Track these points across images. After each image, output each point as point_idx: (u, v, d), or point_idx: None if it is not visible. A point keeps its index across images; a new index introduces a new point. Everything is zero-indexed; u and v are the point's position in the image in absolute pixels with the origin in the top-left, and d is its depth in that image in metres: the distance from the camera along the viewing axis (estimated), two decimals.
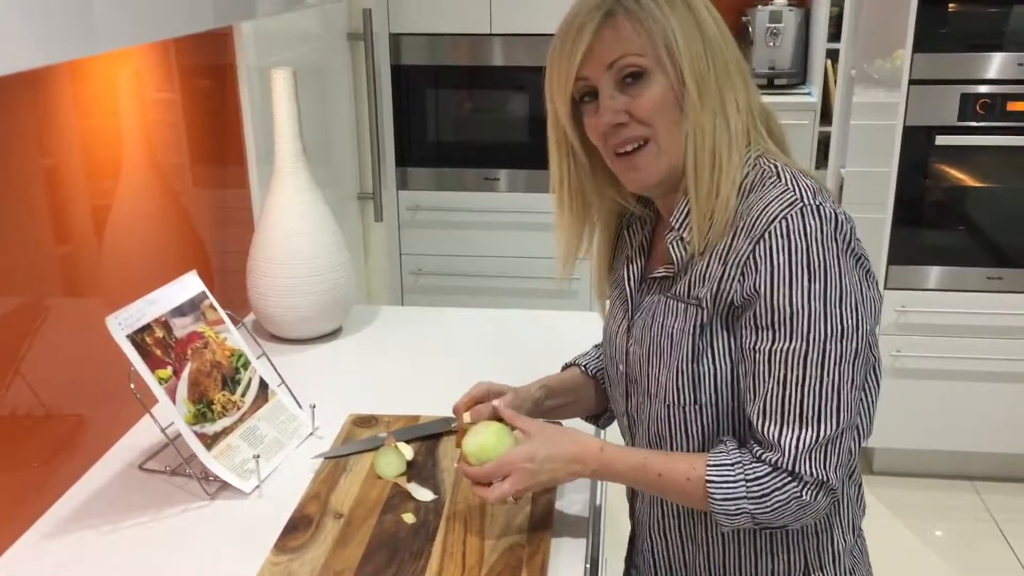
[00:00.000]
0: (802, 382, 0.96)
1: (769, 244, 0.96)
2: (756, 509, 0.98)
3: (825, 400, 0.96)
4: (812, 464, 0.97)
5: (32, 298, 1.28)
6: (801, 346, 0.95)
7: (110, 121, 1.47)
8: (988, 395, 2.78)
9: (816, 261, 0.94)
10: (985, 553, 2.65)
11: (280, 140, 1.68)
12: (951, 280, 2.72)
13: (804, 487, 0.97)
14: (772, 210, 0.97)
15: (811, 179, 1.02)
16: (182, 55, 1.66)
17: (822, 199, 0.97)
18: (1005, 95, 2.58)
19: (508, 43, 2.97)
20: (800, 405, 0.96)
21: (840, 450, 0.98)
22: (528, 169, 3.08)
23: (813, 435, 0.96)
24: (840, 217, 0.96)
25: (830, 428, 0.96)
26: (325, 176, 2.28)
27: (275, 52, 2.05)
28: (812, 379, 0.96)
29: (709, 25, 1.01)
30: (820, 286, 0.94)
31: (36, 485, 1.26)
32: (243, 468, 1.30)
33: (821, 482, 0.97)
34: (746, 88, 1.04)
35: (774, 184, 0.99)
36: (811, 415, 0.96)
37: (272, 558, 1.12)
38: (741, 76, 1.03)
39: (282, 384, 1.47)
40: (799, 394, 0.96)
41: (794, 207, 0.96)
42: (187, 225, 1.73)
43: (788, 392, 0.97)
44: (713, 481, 0.99)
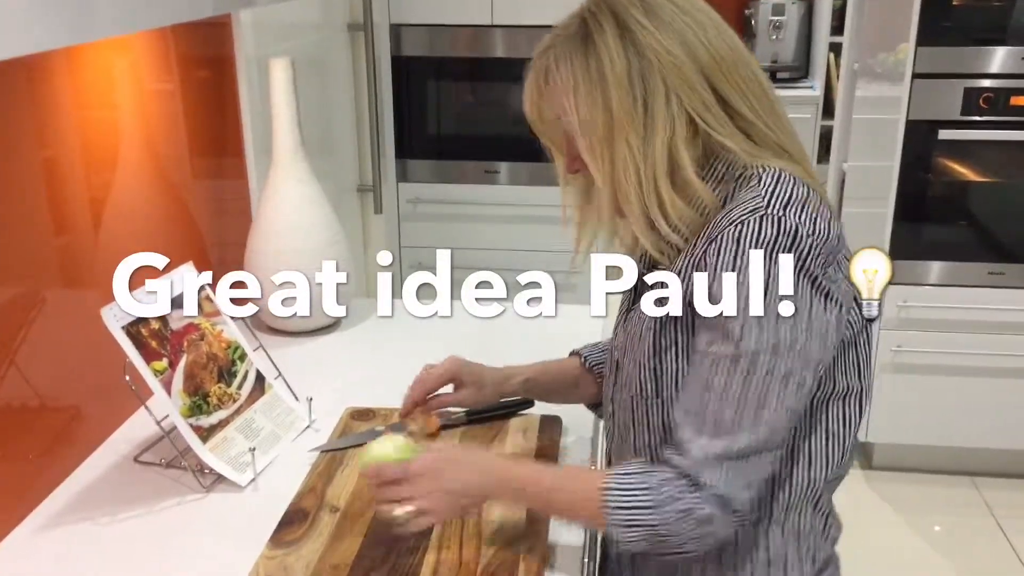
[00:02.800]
0: (725, 389, 0.94)
1: (718, 246, 0.94)
2: (652, 519, 0.95)
3: (745, 412, 0.94)
4: (717, 474, 0.94)
5: (28, 289, 1.27)
6: (732, 352, 0.94)
7: (108, 112, 1.46)
8: (989, 391, 2.78)
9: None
10: (984, 549, 2.64)
11: (278, 131, 1.67)
12: (953, 275, 2.71)
13: (704, 499, 0.94)
14: (732, 215, 0.96)
15: (801, 188, 0.97)
16: (181, 45, 1.65)
17: (792, 210, 0.94)
18: (1009, 89, 2.57)
19: (510, 34, 2.95)
20: (718, 414, 0.94)
21: (751, 469, 0.95)
22: (529, 162, 3.07)
23: (724, 445, 0.94)
24: (801, 231, 0.93)
25: (743, 442, 0.94)
26: (324, 168, 2.27)
27: (274, 42, 2.03)
28: (735, 388, 0.94)
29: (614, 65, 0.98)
30: (759, 294, 0.92)
31: (31, 477, 1.25)
32: (239, 461, 1.29)
33: (723, 497, 0.94)
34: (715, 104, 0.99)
35: (749, 191, 0.97)
36: (728, 425, 0.94)
37: (267, 552, 1.12)
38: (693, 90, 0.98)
39: (279, 377, 1.47)
40: (720, 401, 0.94)
41: (754, 214, 0.94)
42: (185, 216, 1.72)
43: (710, 396, 0.95)
44: (610, 488, 0.97)
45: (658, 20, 0.99)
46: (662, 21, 0.99)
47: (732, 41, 1.02)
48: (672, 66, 0.97)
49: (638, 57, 0.98)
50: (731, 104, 0.99)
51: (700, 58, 0.98)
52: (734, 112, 1.00)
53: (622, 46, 0.98)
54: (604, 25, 0.99)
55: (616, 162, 0.99)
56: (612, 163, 1.00)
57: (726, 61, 0.99)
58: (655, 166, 0.98)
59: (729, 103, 0.99)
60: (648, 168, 0.98)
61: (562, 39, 1.02)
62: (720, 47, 0.99)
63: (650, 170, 0.98)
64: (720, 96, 0.99)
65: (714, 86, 0.99)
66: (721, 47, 1.00)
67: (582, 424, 1.41)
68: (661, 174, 0.98)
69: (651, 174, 0.98)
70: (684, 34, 0.99)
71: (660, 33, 0.98)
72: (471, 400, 1.31)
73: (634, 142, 0.98)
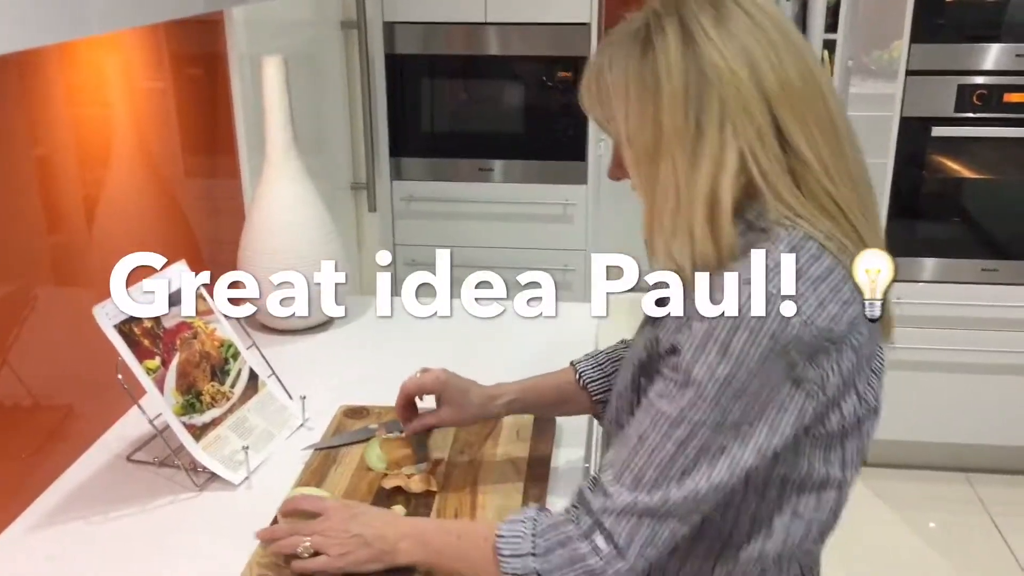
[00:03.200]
0: (656, 448, 0.91)
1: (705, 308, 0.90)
2: (543, 567, 0.92)
3: (667, 476, 0.90)
4: (619, 526, 0.91)
5: (20, 287, 1.27)
6: (675, 415, 0.90)
7: (100, 110, 1.46)
8: (983, 387, 2.78)
9: (736, 344, 0.87)
10: (978, 545, 2.65)
11: (271, 129, 1.67)
12: (947, 272, 2.71)
13: (597, 549, 0.91)
14: None
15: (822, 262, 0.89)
16: (173, 43, 1.65)
17: (794, 298, 0.87)
18: (1002, 86, 2.57)
19: (503, 32, 2.95)
20: (642, 468, 0.91)
21: (655, 531, 0.91)
22: (523, 159, 3.07)
23: (636, 499, 0.91)
24: (794, 321, 0.86)
25: (656, 502, 0.91)
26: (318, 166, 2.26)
27: (267, 40, 2.03)
28: (667, 450, 0.90)
29: (671, 76, 0.91)
30: (725, 370, 0.87)
31: (23, 476, 1.25)
32: (232, 459, 1.29)
33: (618, 549, 0.91)
34: (758, 140, 0.91)
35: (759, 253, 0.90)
36: (648, 483, 0.91)
37: (260, 550, 1.11)
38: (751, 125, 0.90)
39: (272, 375, 1.46)
40: (648, 457, 0.91)
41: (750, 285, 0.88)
42: (177, 214, 1.72)
43: (640, 449, 0.92)
44: (503, 536, 0.96)
45: (726, 32, 0.91)
46: (731, 34, 0.91)
47: (808, 67, 0.93)
48: (732, 87, 0.89)
49: (698, 71, 0.90)
50: (789, 138, 0.91)
51: (765, 81, 0.90)
52: (790, 147, 0.91)
53: (682, 56, 0.91)
54: (667, 29, 0.92)
55: (658, 181, 0.93)
56: (654, 180, 0.93)
57: (795, 88, 0.91)
58: (695, 195, 0.91)
59: (787, 136, 0.91)
60: (688, 194, 0.91)
61: (622, 37, 0.95)
62: (791, 72, 0.91)
63: (690, 197, 0.91)
64: (779, 127, 0.91)
65: (774, 114, 0.90)
66: (792, 72, 0.91)
67: (576, 424, 1.40)
68: (700, 204, 0.91)
69: (689, 201, 0.91)
70: (752, 52, 0.90)
71: (726, 47, 0.90)
72: (451, 420, 1.26)
73: (680, 164, 0.91)
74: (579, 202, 3.03)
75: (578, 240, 3.05)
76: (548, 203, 3.05)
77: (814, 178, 0.92)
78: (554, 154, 3.02)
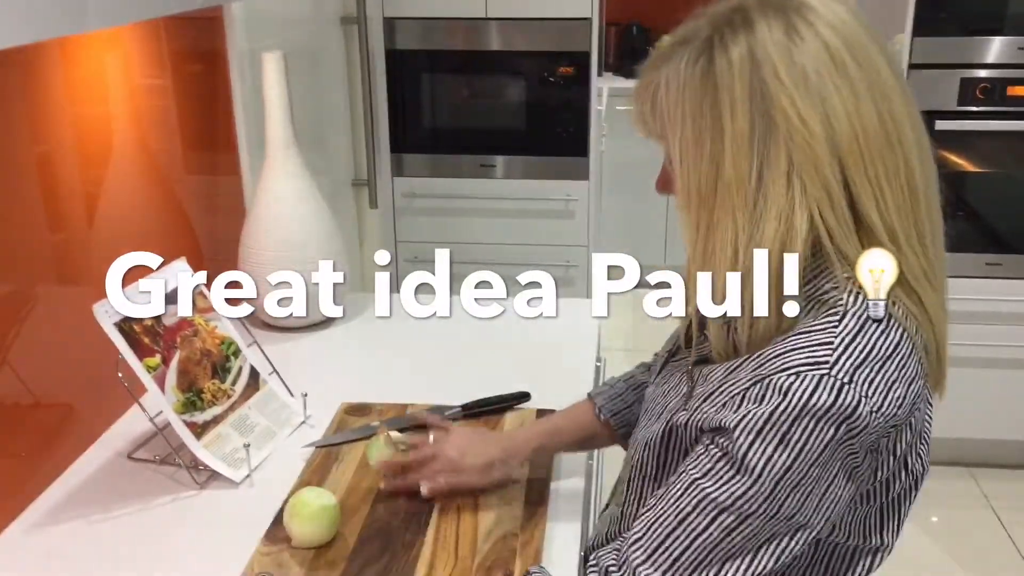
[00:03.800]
0: (698, 533, 0.84)
1: (762, 392, 0.81)
2: None
3: (706, 562, 0.84)
4: None
5: (20, 285, 1.26)
6: (726, 502, 0.82)
7: (100, 107, 1.45)
8: (986, 381, 2.77)
9: (798, 434, 0.79)
10: (981, 539, 2.64)
11: (271, 125, 1.66)
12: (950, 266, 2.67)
13: None
14: (792, 359, 0.81)
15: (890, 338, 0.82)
16: (172, 40, 1.64)
17: (861, 375, 0.79)
18: (1005, 80, 2.56)
19: (504, 27, 2.94)
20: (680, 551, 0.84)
21: None
22: (525, 156, 3.06)
23: None
24: (863, 410, 0.79)
25: None
26: (319, 162, 2.26)
27: (266, 36, 2.02)
28: (711, 537, 0.83)
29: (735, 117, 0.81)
30: (785, 460, 0.80)
31: (24, 475, 1.24)
32: (233, 457, 1.28)
33: None
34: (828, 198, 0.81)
35: (822, 330, 0.82)
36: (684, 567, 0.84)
37: (262, 548, 1.11)
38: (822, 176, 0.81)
39: (273, 372, 1.46)
40: (687, 541, 0.84)
41: (815, 369, 0.79)
42: (178, 211, 1.71)
43: (679, 532, 0.84)
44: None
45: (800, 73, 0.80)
46: (805, 75, 0.80)
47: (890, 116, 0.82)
48: (803, 138, 0.80)
49: (765, 115, 0.81)
50: (857, 199, 0.82)
51: (838, 134, 0.80)
52: (857, 211, 0.82)
53: (749, 95, 0.81)
54: (733, 56, 0.81)
55: (714, 229, 0.84)
56: (708, 228, 0.85)
57: (872, 143, 0.81)
58: (758, 256, 0.82)
59: (855, 197, 0.82)
60: (748, 254, 0.82)
61: (682, 54, 0.85)
62: (871, 122, 0.81)
63: (751, 257, 0.82)
64: (848, 186, 0.82)
65: (845, 172, 0.81)
66: (872, 122, 0.81)
67: None
68: (763, 268, 0.82)
69: (751, 262, 0.82)
70: (828, 99, 0.80)
71: (798, 91, 0.80)
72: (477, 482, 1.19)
73: (740, 216, 0.82)
74: (581, 198, 3.02)
75: (580, 236, 3.04)
76: (550, 199, 3.04)
77: (878, 242, 0.83)
78: (556, 150, 3.01)
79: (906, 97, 0.84)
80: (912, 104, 0.85)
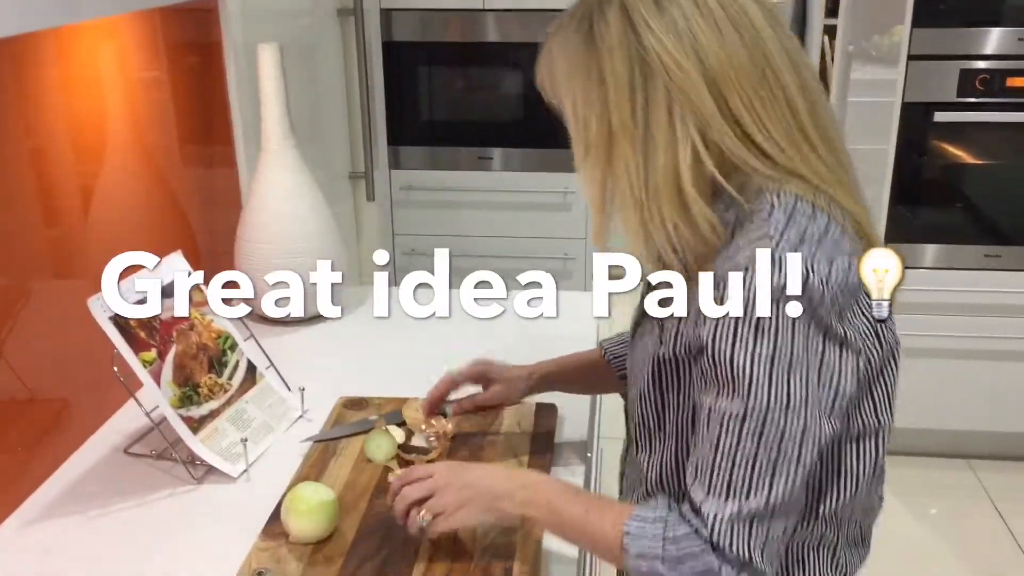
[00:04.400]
0: (734, 450, 0.87)
1: (721, 294, 0.87)
2: (671, 574, 0.89)
3: (757, 474, 0.87)
4: (733, 539, 0.87)
5: (15, 280, 1.25)
6: (740, 410, 0.86)
7: (96, 100, 1.44)
8: (985, 373, 2.77)
9: (766, 322, 0.85)
10: (980, 531, 2.64)
11: (267, 118, 1.65)
12: (948, 258, 2.70)
13: (724, 562, 0.87)
14: (738, 257, 0.88)
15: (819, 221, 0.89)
16: (168, 32, 1.63)
17: (805, 251, 0.86)
18: (1004, 71, 2.55)
19: (502, 19, 2.92)
20: (729, 474, 0.87)
21: (769, 528, 0.88)
22: (523, 148, 3.05)
23: (736, 508, 0.87)
24: (813, 279, 0.85)
25: (758, 503, 0.87)
26: (315, 155, 2.25)
27: (262, 28, 2.01)
28: (746, 449, 0.87)
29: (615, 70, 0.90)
30: (768, 348, 0.85)
31: (19, 470, 1.24)
32: (230, 452, 1.28)
33: (743, 561, 0.87)
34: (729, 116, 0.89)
35: (758, 225, 0.89)
36: (739, 487, 0.87)
37: (260, 543, 1.10)
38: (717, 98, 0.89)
39: (270, 366, 1.45)
40: (729, 462, 0.87)
41: None
42: (173, 205, 1.70)
43: (719, 457, 0.88)
44: (631, 534, 0.91)
45: (669, 19, 0.89)
46: (672, 20, 0.89)
47: (758, 48, 0.90)
48: (677, 75, 0.88)
49: (641, 62, 0.89)
50: (742, 124, 0.90)
51: (710, 67, 0.88)
52: (744, 135, 0.90)
53: (626, 47, 0.90)
54: (609, 18, 0.90)
55: (610, 176, 0.92)
56: (605, 176, 0.93)
57: (742, 72, 0.89)
58: (657, 185, 0.90)
59: (739, 121, 0.90)
60: (649, 186, 0.90)
61: (568, 24, 0.94)
62: (740, 55, 0.89)
63: (651, 189, 0.90)
64: (732, 114, 0.89)
65: (724, 102, 0.89)
66: (740, 55, 0.89)
67: (578, 412, 1.40)
68: (664, 194, 0.90)
69: (653, 193, 0.90)
70: (696, 37, 0.89)
71: (667, 36, 0.88)
72: (500, 398, 1.29)
73: (633, 157, 0.90)
74: (578, 190, 3.02)
75: (578, 228, 3.04)
76: (548, 191, 3.03)
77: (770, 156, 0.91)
78: (554, 142, 3.00)
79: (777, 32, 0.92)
80: (786, 38, 0.93)
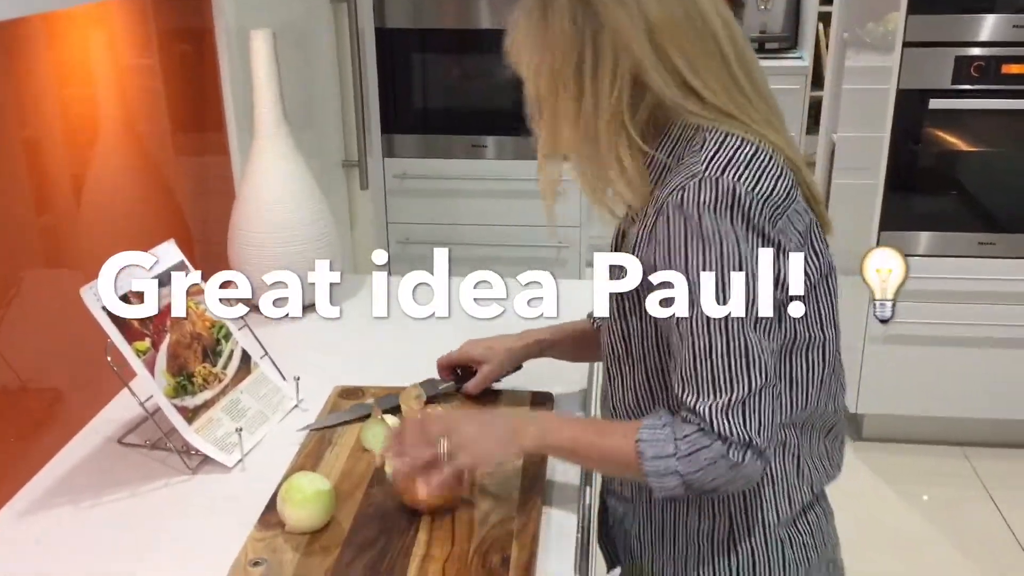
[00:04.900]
0: (709, 350, 0.97)
1: (664, 216, 0.98)
2: (686, 469, 0.98)
3: (733, 365, 0.97)
4: (731, 424, 0.97)
5: (7, 269, 1.24)
6: (702, 314, 0.97)
7: (87, 87, 1.43)
8: (979, 361, 2.78)
9: (708, 230, 0.95)
10: (974, 518, 2.66)
11: (260, 105, 1.64)
12: (943, 246, 2.70)
13: (730, 446, 0.97)
14: (673, 182, 0.99)
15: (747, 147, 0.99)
16: (159, 18, 1.61)
17: (732, 171, 0.96)
18: (999, 57, 2.55)
19: (496, 5, 2.91)
20: (710, 372, 0.97)
21: (759, 409, 0.98)
22: (517, 136, 3.03)
23: (726, 399, 0.97)
24: (741, 190, 0.96)
25: (742, 390, 0.97)
26: (309, 143, 2.23)
27: (254, 14, 1.99)
28: (718, 346, 0.97)
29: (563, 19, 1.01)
30: (714, 254, 0.96)
31: (12, 461, 1.23)
32: (225, 442, 1.27)
33: (745, 442, 0.97)
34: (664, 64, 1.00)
35: (692, 155, 1.00)
36: (722, 381, 0.97)
37: (255, 534, 1.10)
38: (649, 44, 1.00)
39: (265, 356, 1.44)
40: (708, 362, 0.97)
41: (693, 179, 0.97)
42: (166, 193, 1.69)
43: (698, 361, 0.98)
44: (644, 440, 1.00)
45: None
46: None
47: (694, 6, 1.01)
48: (622, 28, 0.99)
49: (587, 15, 1.00)
50: (680, 73, 1.00)
51: (649, 20, 0.99)
52: (683, 83, 1.01)
53: (572, 7, 1.00)
54: None
55: (558, 118, 1.03)
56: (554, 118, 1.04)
57: (678, 27, 1.00)
58: (603, 129, 1.01)
59: (677, 69, 1.00)
60: (599, 127, 1.01)
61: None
62: (677, 12, 1.00)
63: (600, 132, 1.01)
64: (670, 64, 1.00)
65: (663, 51, 1.00)
66: (678, 12, 1.00)
67: (573, 399, 1.39)
68: (609, 137, 1.01)
69: (601, 136, 1.02)
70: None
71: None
72: (495, 374, 1.38)
73: (584, 103, 1.01)
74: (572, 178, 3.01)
75: (572, 216, 3.03)
76: None
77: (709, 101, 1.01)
78: None
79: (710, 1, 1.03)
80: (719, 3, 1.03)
